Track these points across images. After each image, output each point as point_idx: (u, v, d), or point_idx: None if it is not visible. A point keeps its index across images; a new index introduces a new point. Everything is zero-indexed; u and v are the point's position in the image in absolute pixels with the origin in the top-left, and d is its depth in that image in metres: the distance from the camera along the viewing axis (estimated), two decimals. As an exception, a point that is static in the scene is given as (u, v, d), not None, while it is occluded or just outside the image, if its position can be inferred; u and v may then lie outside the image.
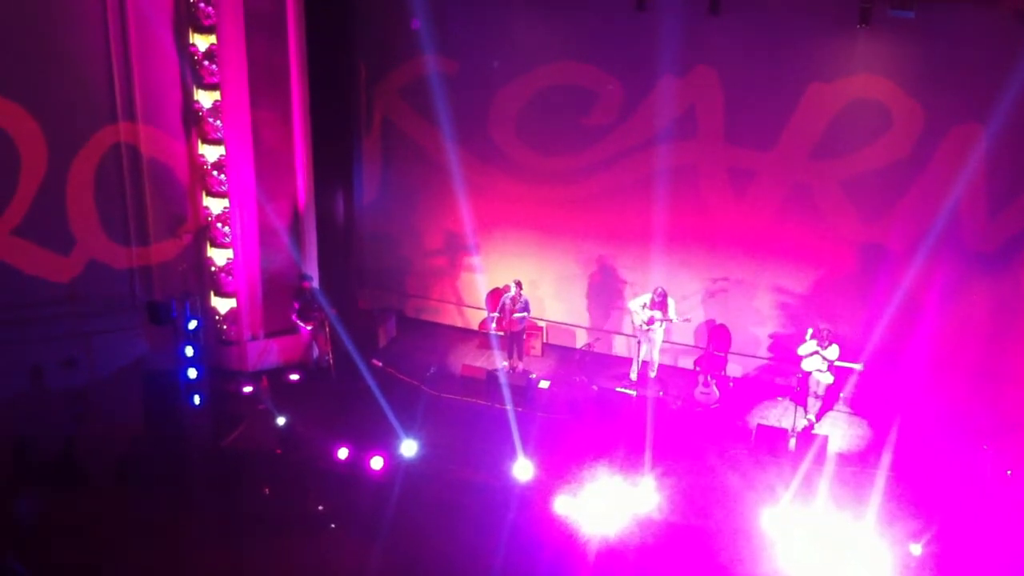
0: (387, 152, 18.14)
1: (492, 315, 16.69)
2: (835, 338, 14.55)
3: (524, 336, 16.80)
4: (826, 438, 14.44)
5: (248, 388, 15.88)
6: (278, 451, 14.39)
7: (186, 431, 14.90)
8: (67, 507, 13.08)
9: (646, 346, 16.07)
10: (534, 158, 16.99)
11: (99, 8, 14.98)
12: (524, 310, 16.26)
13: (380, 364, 16.75)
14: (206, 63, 15.24)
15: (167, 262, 16.47)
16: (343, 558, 12.58)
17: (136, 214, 16.11)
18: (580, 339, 17.75)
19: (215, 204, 16.04)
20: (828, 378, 14.77)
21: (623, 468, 13.82)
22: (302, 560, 12.50)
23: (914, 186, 14.92)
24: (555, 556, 12.44)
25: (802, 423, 14.88)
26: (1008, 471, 13.69)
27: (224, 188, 15.89)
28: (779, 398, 16.08)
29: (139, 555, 12.47)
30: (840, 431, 15.20)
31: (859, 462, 14.40)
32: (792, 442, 14.41)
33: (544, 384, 16.30)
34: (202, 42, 15.19)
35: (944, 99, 14.41)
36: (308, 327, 16.33)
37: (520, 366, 16.68)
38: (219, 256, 16.30)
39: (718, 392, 15.76)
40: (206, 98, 15.47)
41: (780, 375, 16.32)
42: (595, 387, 16.01)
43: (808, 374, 14.86)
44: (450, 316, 18.67)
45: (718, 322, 16.49)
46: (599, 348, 17.49)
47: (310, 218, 16.77)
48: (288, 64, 15.68)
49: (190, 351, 15.71)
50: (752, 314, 16.51)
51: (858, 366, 14.70)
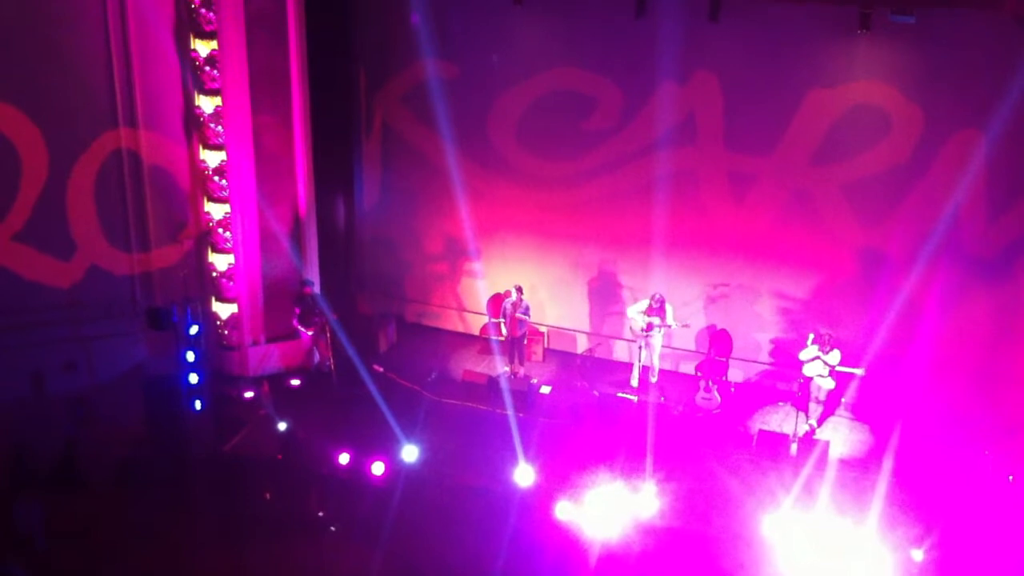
0: (388, 157, 18.13)
1: (495, 320, 16.70)
2: (836, 343, 14.54)
3: (525, 341, 16.78)
4: (827, 443, 14.42)
5: (249, 393, 15.88)
6: (279, 456, 14.39)
7: (187, 436, 14.90)
8: (67, 512, 13.08)
9: (646, 352, 16.07)
10: (535, 163, 16.98)
11: (100, 13, 15.00)
12: (525, 315, 16.27)
13: (381, 369, 16.73)
14: (207, 68, 15.27)
15: (168, 267, 16.47)
16: (344, 563, 12.58)
17: (137, 219, 16.11)
18: (581, 344, 17.75)
19: (216, 209, 16.06)
20: (829, 383, 14.77)
21: (624, 473, 13.81)
22: (303, 565, 12.52)
23: (914, 191, 14.90)
24: (556, 562, 12.45)
25: (803, 428, 14.86)
26: (1010, 476, 13.69)
27: (225, 193, 15.91)
28: (780, 403, 16.07)
29: (139, 560, 12.50)
30: (841, 436, 15.18)
31: (860, 467, 14.38)
32: (793, 447, 14.41)
33: (545, 389, 16.30)
34: (203, 47, 15.22)
35: (944, 104, 14.40)
36: (309, 332, 16.34)
37: (521, 371, 16.66)
38: (220, 261, 16.30)
39: (719, 397, 15.74)
40: (207, 103, 15.50)
41: (781, 380, 16.30)
42: (596, 392, 16.00)
43: (809, 379, 14.84)
44: (451, 321, 18.66)
45: (719, 327, 16.47)
46: (600, 353, 17.48)
47: (311, 223, 16.77)
48: (289, 69, 15.67)
49: (191, 356, 15.78)
50: (753, 319, 16.50)
51: (859, 371, 14.68)
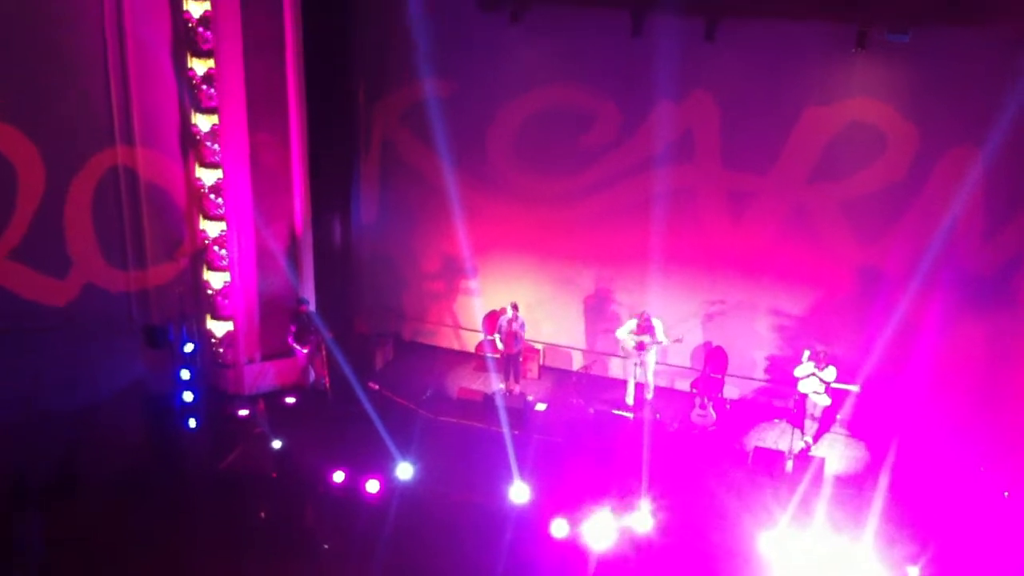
0: (385, 174, 18.17)
1: (491, 337, 16.69)
2: (832, 360, 14.56)
3: (521, 358, 16.77)
4: (823, 460, 14.44)
5: (244, 411, 15.85)
6: (274, 474, 14.35)
7: (183, 454, 14.88)
8: (64, 528, 13.02)
9: (639, 369, 16.05)
10: (532, 180, 17.02)
11: (98, 32, 15.06)
12: (521, 332, 16.27)
13: (377, 387, 16.70)
14: (204, 87, 15.29)
15: (164, 285, 16.46)
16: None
17: (133, 237, 16.11)
18: (577, 361, 17.74)
19: (212, 227, 16.06)
20: (825, 400, 14.76)
21: (620, 491, 13.76)
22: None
23: (911, 208, 14.94)
24: (552, 579, 12.41)
25: (799, 445, 14.84)
26: (1005, 493, 13.68)
27: (221, 211, 15.91)
28: (776, 420, 16.05)
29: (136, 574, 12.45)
30: (837, 453, 15.17)
31: (856, 484, 14.36)
32: (789, 464, 14.38)
33: (541, 407, 16.28)
34: (200, 66, 15.25)
35: (939, 122, 14.46)
36: (305, 350, 16.32)
37: (517, 389, 16.65)
38: (216, 279, 16.30)
39: (715, 414, 15.72)
40: (204, 122, 15.52)
41: (777, 397, 16.29)
42: (592, 410, 15.97)
43: (805, 396, 14.85)
44: (447, 339, 18.65)
45: (715, 344, 16.46)
46: (596, 370, 17.47)
47: (307, 241, 16.77)
48: (286, 87, 15.71)
49: (186, 374, 15.74)
50: (749, 336, 16.50)
51: (855, 388, 14.69)
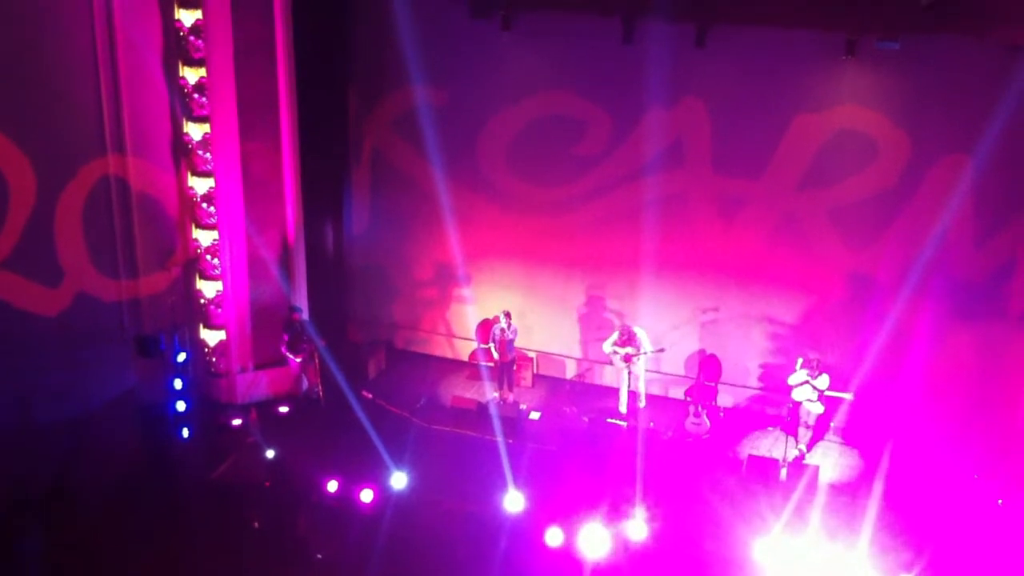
0: (377, 183, 18.16)
1: (484, 346, 16.67)
2: (825, 367, 14.57)
3: (514, 367, 16.75)
4: (817, 468, 14.44)
5: (237, 420, 15.79)
6: (267, 483, 14.30)
7: (175, 463, 14.81)
8: (58, 538, 12.97)
9: (631, 378, 16.03)
10: (524, 188, 17.04)
11: (88, 41, 14.97)
12: (513, 340, 16.26)
13: (370, 396, 16.68)
14: (196, 96, 15.28)
15: (156, 295, 16.37)
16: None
17: (125, 247, 16.01)
18: (570, 370, 17.73)
19: (204, 236, 16.04)
20: (818, 408, 14.76)
21: (614, 499, 13.74)
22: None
23: (902, 215, 14.98)
24: (546, 588, 12.38)
25: (793, 453, 14.86)
26: (999, 500, 13.69)
27: (213, 220, 15.89)
28: (770, 428, 16.06)
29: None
30: (831, 461, 15.17)
31: (850, 492, 14.37)
32: (783, 472, 14.38)
33: (534, 415, 16.27)
34: (192, 75, 15.23)
35: (930, 129, 14.51)
36: (298, 359, 16.28)
37: (510, 397, 16.62)
38: (208, 288, 16.27)
39: (709, 422, 15.72)
40: (196, 130, 15.50)
41: (771, 405, 16.32)
42: (585, 418, 15.95)
43: (799, 404, 14.85)
44: (440, 347, 18.64)
45: (708, 352, 16.48)
46: (589, 379, 17.46)
47: (300, 249, 16.74)
48: (278, 96, 15.70)
49: (179, 384, 15.69)
50: (742, 344, 16.51)
51: (848, 396, 14.70)
